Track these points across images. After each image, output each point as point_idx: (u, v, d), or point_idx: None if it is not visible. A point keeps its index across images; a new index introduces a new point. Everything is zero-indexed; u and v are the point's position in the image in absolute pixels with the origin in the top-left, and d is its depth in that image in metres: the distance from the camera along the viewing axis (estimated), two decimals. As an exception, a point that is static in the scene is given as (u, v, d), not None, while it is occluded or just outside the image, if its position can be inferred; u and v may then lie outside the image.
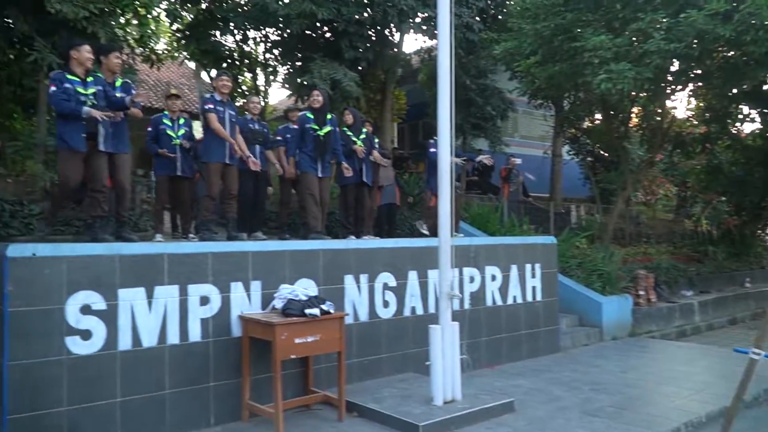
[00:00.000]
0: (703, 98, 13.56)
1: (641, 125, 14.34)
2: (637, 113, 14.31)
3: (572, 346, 8.34)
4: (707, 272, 13.15)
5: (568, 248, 10.29)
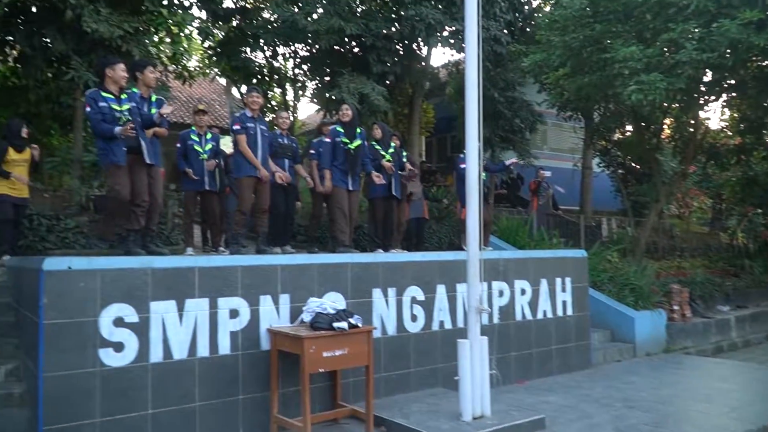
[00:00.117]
0: (737, 108, 13.29)
1: (674, 136, 14.13)
2: (669, 124, 14.11)
3: (604, 361, 8.19)
4: (743, 287, 12.80)
5: (599, 262, 10.14)
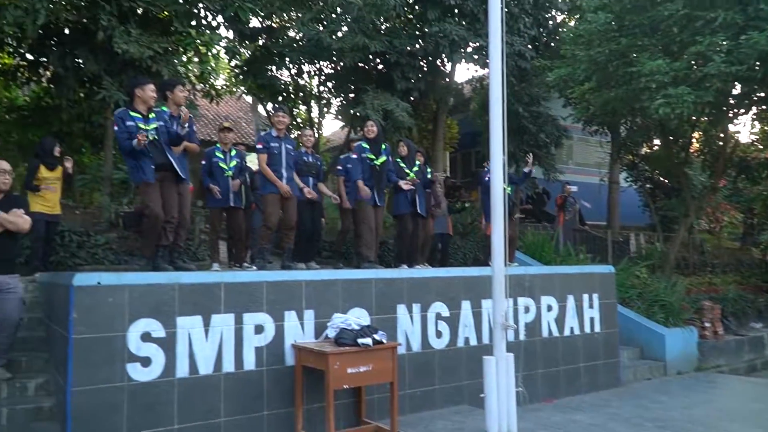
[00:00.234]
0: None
1: (703, 150, 13.91)
2: (698, 138, 13.89)
3: (634, 380, 8.03)
4: (777, 303, 12.49)
5: (627, 278, 9.97)
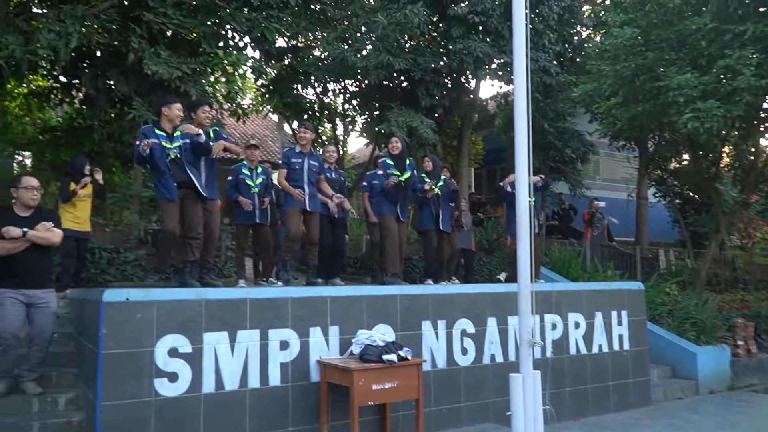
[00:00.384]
0: (800, 135, 12.77)
1: (733, 165, 13.64)
2: (728, 152, 13.65)
3: (665, 399, 7.84)
4: (812, 321, 12.10)
5: (656, 295, 9.78)
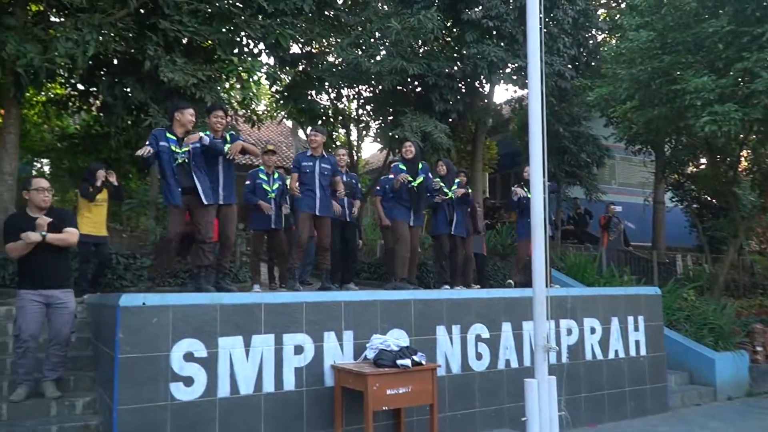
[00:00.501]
0: (819, 138, 12.58)
1: (752, 169, 13.46)
2: (746, 156, 13.49)
3: (682, 405, 7.76)
4: (833, 326, 11.90)
5: (674, 300, 9.68)
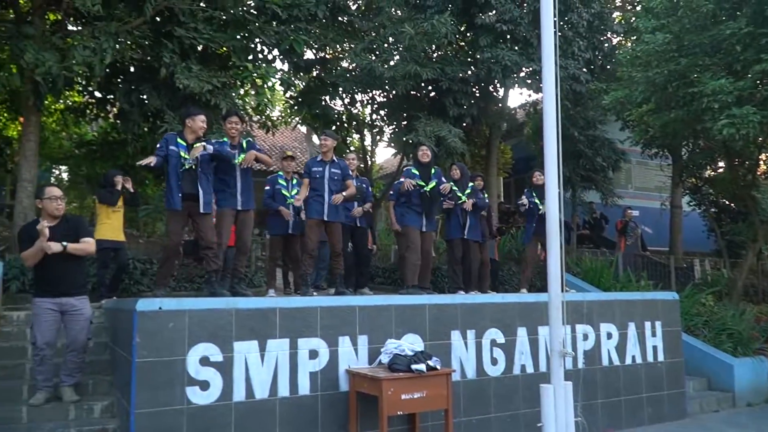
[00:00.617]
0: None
1: (771, 172, 13.35)
2: (765, 159, 13.34)
3: (701, 411, 7.66)
4: None
5: (691, 305, 9.57)
